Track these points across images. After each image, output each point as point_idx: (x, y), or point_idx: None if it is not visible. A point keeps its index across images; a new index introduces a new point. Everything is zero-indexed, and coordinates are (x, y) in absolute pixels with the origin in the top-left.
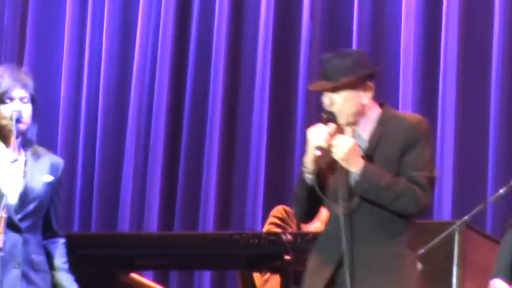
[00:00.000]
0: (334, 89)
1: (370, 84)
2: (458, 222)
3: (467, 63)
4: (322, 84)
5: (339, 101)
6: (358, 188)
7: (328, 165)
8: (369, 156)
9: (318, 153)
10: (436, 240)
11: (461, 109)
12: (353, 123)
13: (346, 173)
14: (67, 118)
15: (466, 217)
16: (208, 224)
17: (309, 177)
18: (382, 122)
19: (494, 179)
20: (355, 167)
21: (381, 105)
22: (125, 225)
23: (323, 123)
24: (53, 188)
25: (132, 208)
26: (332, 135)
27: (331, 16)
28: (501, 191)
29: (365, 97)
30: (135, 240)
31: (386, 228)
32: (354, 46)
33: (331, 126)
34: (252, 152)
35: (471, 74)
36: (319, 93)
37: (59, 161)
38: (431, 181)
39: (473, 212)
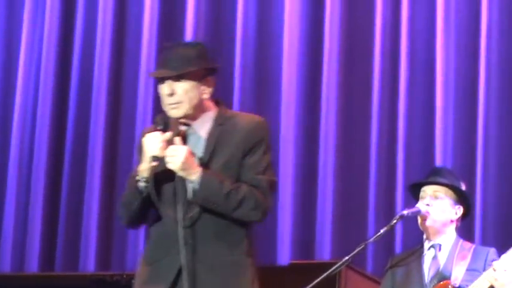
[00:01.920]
0: (177, 78)
1: (212, 79)
2: (339, 263)
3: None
4: (164, 72)
5: (179, 91)
6: (197, 197)
7: (163, 173)
8: (206, 159)
9: (155, 163)
10: (317, 280)
11: (342, 147)
12: (191, 117)
13: (183, 181)
14: None
15: (347, 257)
16: (89, 263)
17: (143, 185)
18: (220, 122)
19: (375, 218)
20: (193, 175)
21: (216, 103)
22: (6, 265)
23: (157, 129)
24: None
25: (13, 247)
26: (168, 143)
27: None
28: (381, 231)
29: (206, 92)
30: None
31: (225, 237)
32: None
33: (167, 134)
34: None
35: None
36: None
37: None
38: (273, 184)
39: (354, 252)
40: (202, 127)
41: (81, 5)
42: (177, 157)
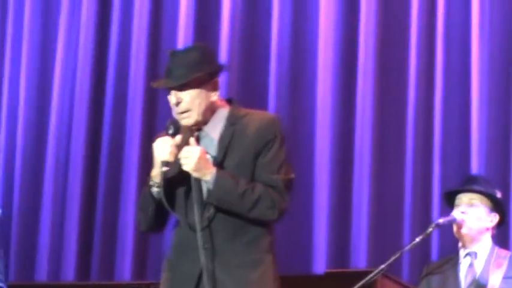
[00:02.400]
0: (182, 87)
1: (217, 80)
2: (375, 271)
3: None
4: (167, 82)
5: (186, 99)
6: (211, 198)
7: (177, 176)
8: (220, 159)
9: (166, 168)
10: None
11: (377, 154)
12: (203, 123)
13: (198, 182)
14: None
15: (383, 266)
16: (125, 272)
17: (156, 190)
18: (232, 121)
19: (411, 226)
20: (207, 175)
21: (229, 102)
22: (42, 274)
23: (168, 134)
24: None
25: (50, 256)
26: (178, 147)
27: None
28: (417, 239)
29: (213, 94)
30: None
31: (243, 236)
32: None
33: (177, 138)
34: None
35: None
36: None
37: None
38: (289, 183)
39: (390, 260)
40: (215, 128)
41: (117, 9)
42: (191, 158)
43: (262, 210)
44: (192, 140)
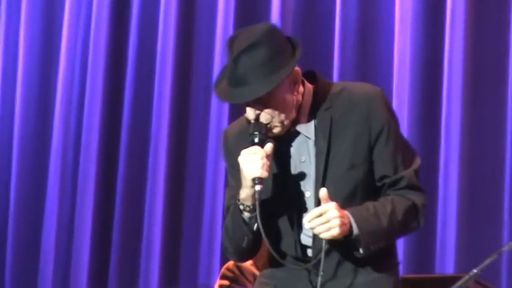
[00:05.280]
0: (260, 99)
1: (297, 70)
2: (465, 277)
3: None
4: (238, 95)
5: (267, 111)
6: (364, 250)
7: (274, 197)
8: (324, 161)
9: (259, 187)
10: None
11: (468, 140)
12: (292, 124)
13: (300, 195)
14: None
15: (475, 270)
16: (151, 280)
17: (248, 216)
18: (325, 105)
19: (509, 223)
20: (348, 230)
21: (312, 79)
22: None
23: (255, 143)
24: None
25: (56, 260)
26: (269, 156)
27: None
28: None
29: (296, 87)
30: None
31: (367, 260)
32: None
33: (268, 145)
34: (206, 192)
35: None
36: None
37: None
38: (419, 170)
39: (484, 263)
40: (307, 124)
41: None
42: (331, 223)
43: (408, 228)
44: (323, 193)
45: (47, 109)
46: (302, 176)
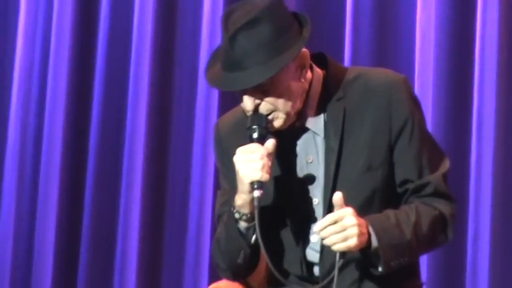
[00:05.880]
0: (261, 86)
1: (305, 52)
2: None
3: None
4: (235, 81)
5: (269, 100)
6: (384, 267)
7: (276, 203)
8: (336, 161)
9: (258, 193)
10: None
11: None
12: (297, 116)
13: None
14: None
15: None
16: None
17: (245, 226)
18: (338, 96)
19: None
20: (367, 241)
21: (322, 65)
22: None
23: (253, 139)
24: None
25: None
26: (270, 155)
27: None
28: None
29: (303, 73)
30: None
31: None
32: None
33: (270, 142)
34: (192, 196)
35: None
36: None
37: None
38: (447, 173)
39: None
40: (315, 117)
41: None
42: (348, 232)
43: (435, 242)
44: (337, 200)
45: (1, 104)
46: (309, 179)
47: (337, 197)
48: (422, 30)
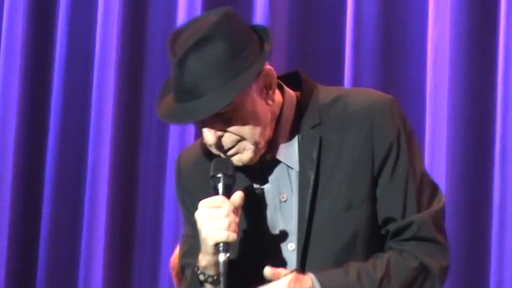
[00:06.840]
0: (219, 115)
1: (269, 70)
2: None
3: None
4: (189, 112)
5: (232, 129)
6: None
7: (245, 259)
8: (312, 196)
9: (224, 256)
10: None
11: None
12: (266, 147)
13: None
14: None
15: None
16: None
17: None
18: (312, 122)
19: None
20: None
21: (290, 79)
22: None
23: (218, 192)
24: None
25: None
26: (238, 209)
27: None
28: None
29: (270, 94)
30: None
31: None
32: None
33: (237, 195)
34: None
35: None
36: None
37: None
38: (441, 212)
39: None
40: (288, 148)
41: None
42: None
43: None
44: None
45: None
46: (284, 221)
47: (267, 272)
48: (435, 38)
